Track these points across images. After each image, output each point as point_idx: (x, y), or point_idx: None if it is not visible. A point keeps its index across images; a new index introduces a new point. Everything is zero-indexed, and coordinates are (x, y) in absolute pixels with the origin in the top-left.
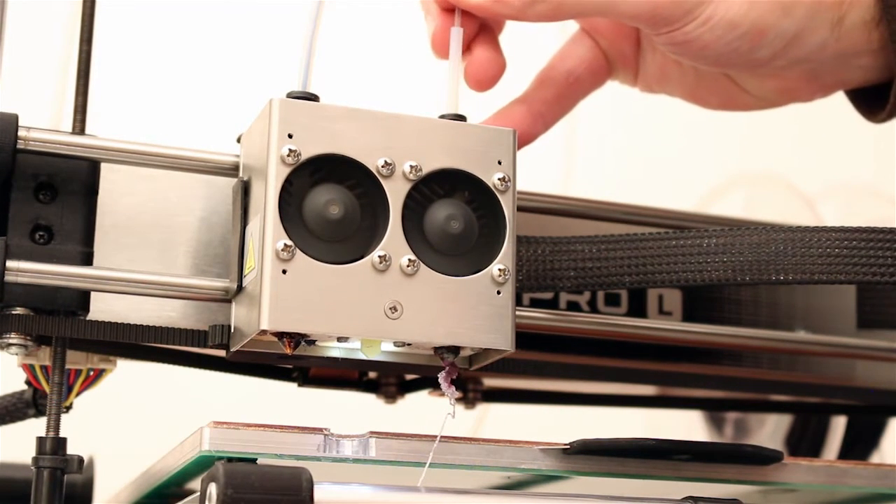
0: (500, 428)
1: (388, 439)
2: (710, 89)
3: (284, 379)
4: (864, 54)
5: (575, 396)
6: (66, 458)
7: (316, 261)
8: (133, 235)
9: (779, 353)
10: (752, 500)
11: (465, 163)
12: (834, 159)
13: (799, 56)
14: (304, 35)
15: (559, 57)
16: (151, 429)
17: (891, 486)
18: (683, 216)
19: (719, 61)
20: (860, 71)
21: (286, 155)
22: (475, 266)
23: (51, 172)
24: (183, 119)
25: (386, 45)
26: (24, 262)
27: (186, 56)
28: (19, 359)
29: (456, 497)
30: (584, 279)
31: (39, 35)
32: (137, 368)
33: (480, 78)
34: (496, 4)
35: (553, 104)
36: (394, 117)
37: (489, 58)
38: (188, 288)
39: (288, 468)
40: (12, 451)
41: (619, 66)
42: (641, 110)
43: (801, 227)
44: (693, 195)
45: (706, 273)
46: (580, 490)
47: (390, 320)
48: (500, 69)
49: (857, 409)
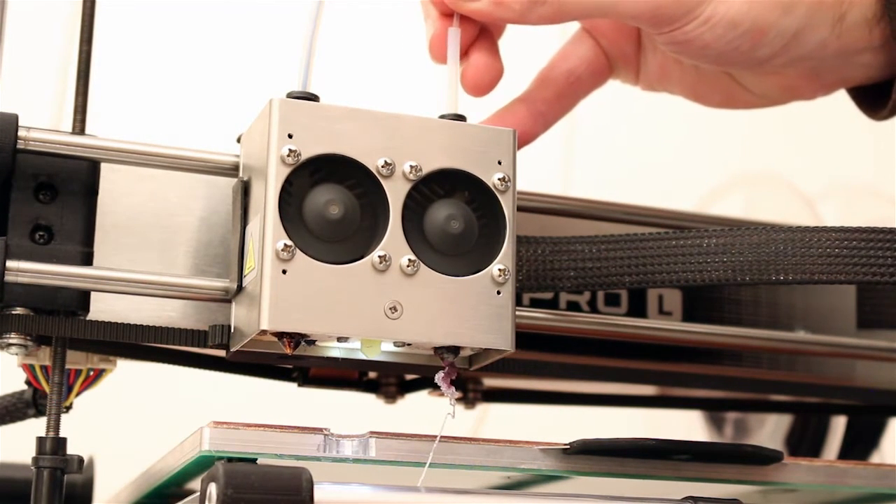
0: (500, 428)
1: (388, 439)
2: (711, 87)
3: (284, 379)
4: (865, 52)
5: (575, 396)
6: (66, 458)
7: (316, 261)
8: (133, 235)
9: (779, 353)
10: (752, 500)
11: (465, 163)
12: (834, 159)
13: (800, 54)
14: (304, 35)
15: (560, 56)
16: (151, 429)
17: (891, 486)
18: (683, 216)
19: (720, 60)
20: (862, 68)
21: (286, 155)
22: (475, 266)
23: (51, 172)
24: (183, 119)
25: (386, 45)
26: (24, 262)
27: (186, 56)
28: (19, 359)
29: (456, 497)
30: (584, 279)
31: (39, 35)
32: (137, 368)
33: (477, 83)
34: (497, 8)
35: (553, 103)
36: (394, 117)
37: (486, 63)
38: (188, 288)
39: (288, 468)
40: (12, 451)
41: (620, 66)
42: (641, 110)
43: (801, 227)
44: (693, 195)
45: (706, 273)
46: (580, 490)
47: (390, 320)
48: (497, 75)
49: (857, 409)
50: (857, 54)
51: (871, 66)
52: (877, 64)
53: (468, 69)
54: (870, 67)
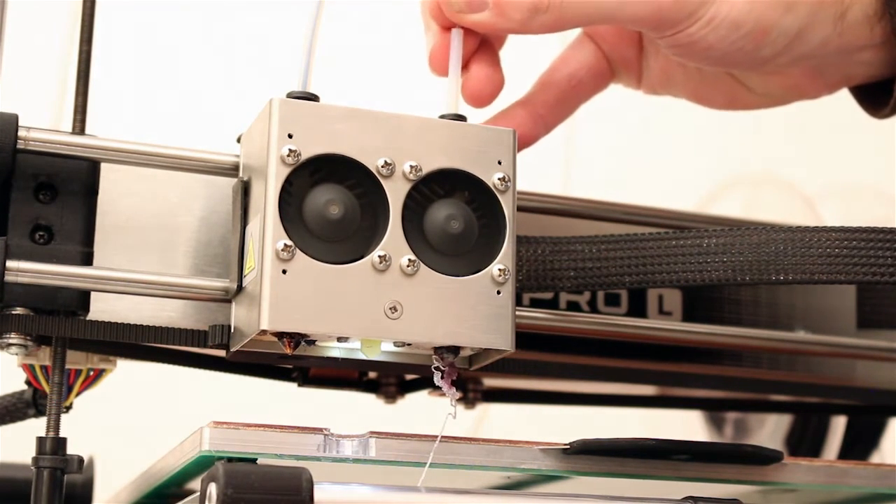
0: (500, 428)
1: (388, 439)
2: (714, 89)
3: (284, 379)
4: (866, 49)
5: (575, 396)
6: (66, 458)
7: (316, 261)
8: (133, 235)
9: (779, 353)
10: (752, 500)
11: (465, 163)
12: (834, 159)
13: (802, 52)
14: (304, 35)
15: (561, 60)
16: (151, 429)
17: (891, 486)
18: (683, 216)
19: (724, 61)
20: (864, 66)
21: (286, 155)
22: (475, 266)
23: (51, 172)
24: (183, 119)
25: (386, 45)
26: (24, 262)
27: (186, 56)
28: (19, 359)
29: (456, 497)
30: (584, 279)
31: (39, 35)
32: (137, 368)
33: (478, 95)
34: (498, 20)
35: (554, 107)
36: (394, 117)
37: (487, 75)
38: (188, 288)
39: (288, 468)
40: (12, 451)
41: (622, 70)
42: (642, 110)
43: (801, 227)
44: (693, 195)
45: (706, 273)
46: (580, 490)
47: (390, 320)
48: (498, 86)
49: (857, 409)
50: (858, 52)
51: (873, 63)
52: (878, 62)
53: (469, 80)
54: (871, 65)
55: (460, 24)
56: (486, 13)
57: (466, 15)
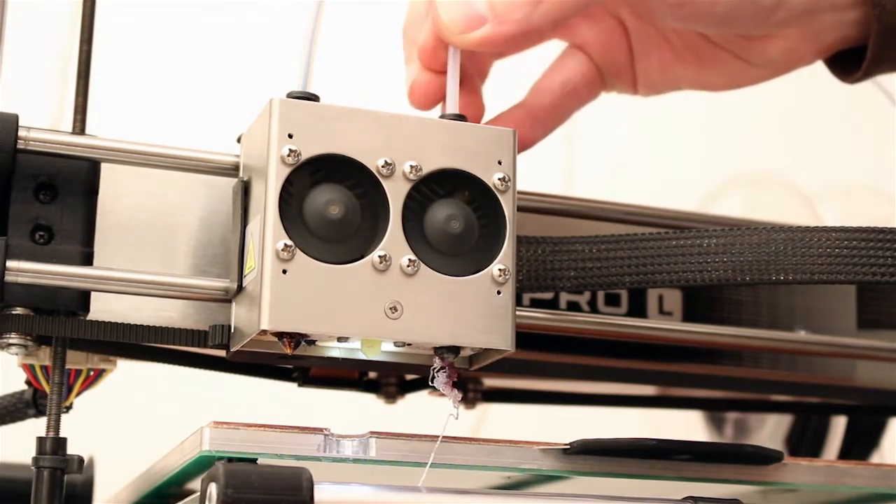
0: (500, 428)
1: (388, 439)
2: (714, 71)
3: (284, 379)
4: (857, 6)
5: (575, 396)
6: (66, 458)
7: (316, 261)
8: (133, 235)
9: (779, 353)
10: (752, 500)
11: (465, 163)
12: (834, 159)
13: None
14: (304, 35)
15: (553, 68)
16: (151, 429)
17: (891, 486)
18: (683, 216)
19: (728, 18)
20: (855, 27)
21: (286, 155)
22: (475, 266)
23: (51, 172)
24: (183, 119)
25: (386, 45)
26: (25, 262)
27: (187, 56)
28: (19, 359)
29: (456, 497)
30: (584, 279)
31: (39, 35)
32: (137, 368)
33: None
34: (500, 27)
35: (550, 111)
36: (394, 117)
37: (467, 103)
38: (188, 288)
39: (288, 468)
40: (12, 451)
41: (614, 78)
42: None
43: (801, 227)
44: (693, 195)
45: (706, 273)
46: (580, 490)
47: (390, 320)
48: (479, 115)
49: (857, 409)
50: (849, 9)
51: (861, 23)
52: (865, 21)
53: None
54: (861, 25)
55: (460, 48)
56: (487, 26)
57: (468, 35)
